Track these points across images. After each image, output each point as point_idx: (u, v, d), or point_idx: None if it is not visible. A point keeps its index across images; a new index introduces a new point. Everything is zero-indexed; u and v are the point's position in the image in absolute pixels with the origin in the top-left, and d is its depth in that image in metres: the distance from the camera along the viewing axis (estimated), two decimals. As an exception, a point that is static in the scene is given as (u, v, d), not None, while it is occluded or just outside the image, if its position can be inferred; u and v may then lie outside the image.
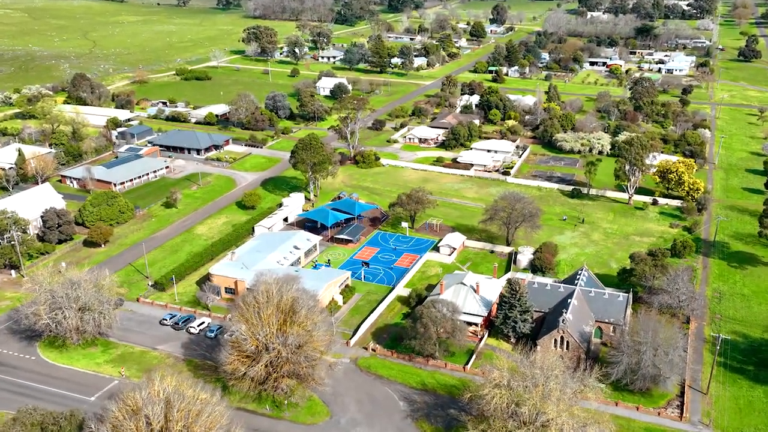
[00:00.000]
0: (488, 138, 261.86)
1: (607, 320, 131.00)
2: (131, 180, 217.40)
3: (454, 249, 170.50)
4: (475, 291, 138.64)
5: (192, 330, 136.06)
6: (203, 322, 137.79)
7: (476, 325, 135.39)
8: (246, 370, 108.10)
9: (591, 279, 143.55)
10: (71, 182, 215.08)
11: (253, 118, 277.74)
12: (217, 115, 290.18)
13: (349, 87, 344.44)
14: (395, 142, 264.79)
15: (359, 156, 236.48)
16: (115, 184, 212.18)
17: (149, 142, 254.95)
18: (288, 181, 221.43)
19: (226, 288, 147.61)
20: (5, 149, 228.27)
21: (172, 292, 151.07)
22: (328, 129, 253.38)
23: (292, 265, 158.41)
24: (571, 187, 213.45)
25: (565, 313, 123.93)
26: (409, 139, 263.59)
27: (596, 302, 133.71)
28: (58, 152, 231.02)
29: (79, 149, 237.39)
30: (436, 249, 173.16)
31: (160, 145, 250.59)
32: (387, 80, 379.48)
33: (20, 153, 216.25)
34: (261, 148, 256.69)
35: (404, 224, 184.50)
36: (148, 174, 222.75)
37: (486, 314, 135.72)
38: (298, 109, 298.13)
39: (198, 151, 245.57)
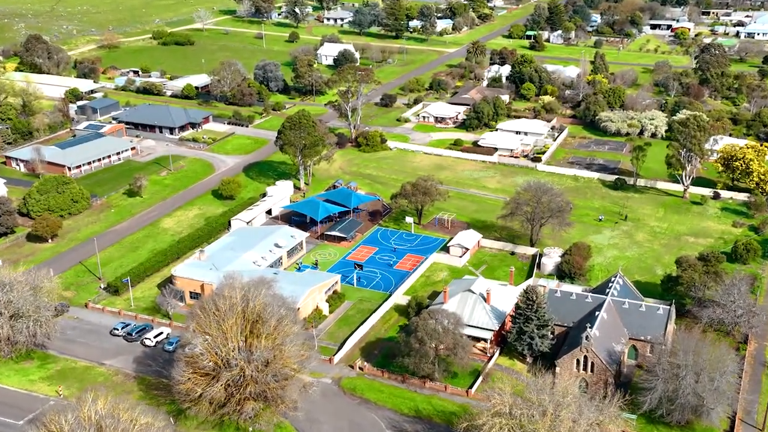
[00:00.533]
0: (518, 117, 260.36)
1: (643, 338, 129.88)
2: (89, 163, 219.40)
3: (467, 249, 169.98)
4: (485, 300, 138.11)
5: (147, 342, 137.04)
6: (161, 333, 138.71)
7: (485, 340, 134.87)
8: (203, 391, 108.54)
9: (626, 288, 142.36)
10: (17, 165, 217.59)
11: (238, 91, 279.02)
12: (197, 88, 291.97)
13: (357, 55, 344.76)
14: (407, 121, 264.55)
15: (362, 138, 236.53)
16: (69, 168, 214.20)
17: (114, 119, 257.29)
18: (276, 167, 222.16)
19: (191, 292, 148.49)
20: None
21: (128, 296, 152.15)
22: (326, 105, 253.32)
23: (271, 266, 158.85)
24: (614, 177, 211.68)
25: (590, 328, 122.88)
26: (423, 117, 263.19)
27: (631, 316, 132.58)
28: (3, 129, 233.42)
29: (29, 126, 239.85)
30: (446, 249, 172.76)
31: (127, 123, 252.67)
32: (403, 47, 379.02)
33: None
34: (246, 127, 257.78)
35: (409, 219, 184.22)
36: (110, 156, 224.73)
37: (497, 328, 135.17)
38: (293, 81, 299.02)
39: (171, 130, 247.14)
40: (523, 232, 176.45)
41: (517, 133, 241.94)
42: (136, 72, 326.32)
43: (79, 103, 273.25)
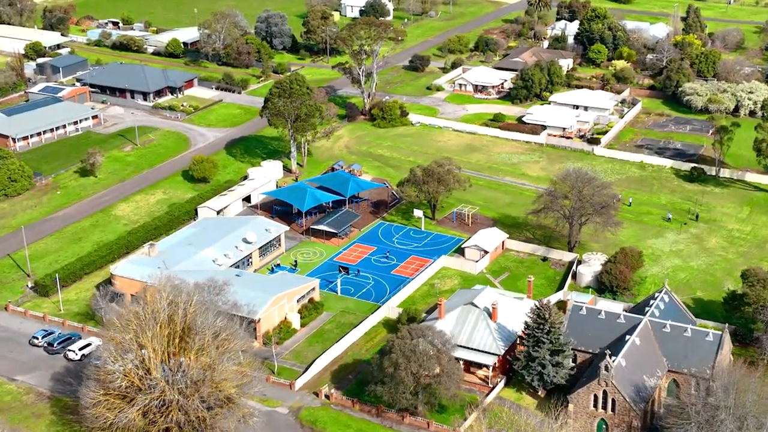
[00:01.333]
0: (581, 87, 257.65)
1: (685, 370, 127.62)
2: (40, 134, 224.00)
3: (486, 252, 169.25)
4: (491, 317, 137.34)
5: (71, 355, 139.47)
6: (89, 344, 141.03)
7: (487, 367, 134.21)
8: (115, 418, 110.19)
9: (673, 306, 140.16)
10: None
11: (234, 49, 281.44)
12: (185, 43, 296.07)
13: (390, 6, 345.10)
14: (439, 89, 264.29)
15: (377, 109, 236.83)
16: (14, 139, 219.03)
17: (78, 80, 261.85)
18: (267, 144, 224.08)
19: (132, 295, 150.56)
20: None
21: (58, 298, 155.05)
22: (334, 67, 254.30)
23: (236, 266, 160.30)
24: (691, 165, 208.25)
25: (609, 356, 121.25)
26: (460, 85, 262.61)
27: (672, 343, 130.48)
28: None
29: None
30: (460, 251, 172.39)
31: (92, 85, 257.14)
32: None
33: None
34: (239, 93, 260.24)
35: (417, 213, 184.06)
36: (65, 126, 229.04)
37: (503, 352, 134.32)
38: (302, 38, 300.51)
39: (145, 96, 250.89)
40: (562, 233, 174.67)
41: (575, 107, 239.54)
42: (115, 23, 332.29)
43: (40, 60, 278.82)
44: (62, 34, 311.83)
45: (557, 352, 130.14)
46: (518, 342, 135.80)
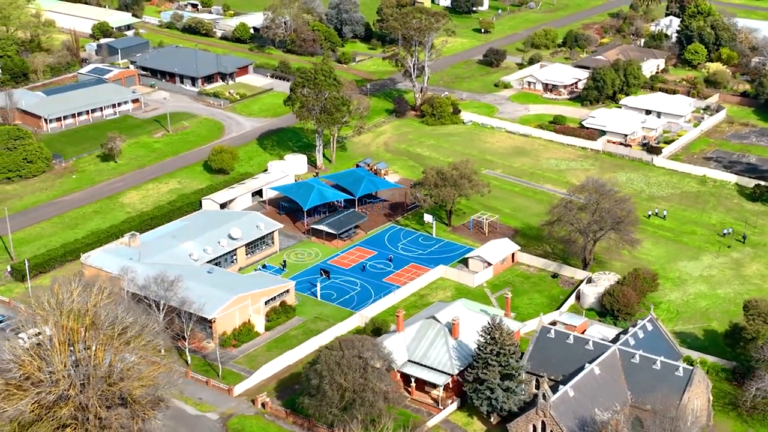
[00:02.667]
0: (666, 90, 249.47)
1: (648, 407, 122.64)
2: (75, 116, 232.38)
3: (489, 264, 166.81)
4: (451, 333, 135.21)
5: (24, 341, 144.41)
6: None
7: (438, 386, 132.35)
8: (11, 409, 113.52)
9: (656, 336, 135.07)
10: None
11: (297, 35, 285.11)
12: (253, 28, 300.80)
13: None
14: (506, 86, 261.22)
15: (427, 105, 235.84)
16: (47, 120, 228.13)
17: (132, 63, 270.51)
18: (304, 137, 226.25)
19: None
20: None
21: (35, 283, 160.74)
22: (385, 58, 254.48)
23: (215, 262, 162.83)
24: (754, 183, 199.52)
25: (556, 383, 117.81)
26: (529, 83, 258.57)
27: (639, 375, 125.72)
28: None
29: (25, 66, 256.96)
30: (465, 262, 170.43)
31: (144, 68, 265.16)
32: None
33: None
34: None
35: (428, 218, 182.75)
36: (103, 109, 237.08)
37: (457, 372, 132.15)
38: (376, 26, 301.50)
39: (194, 81, 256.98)
40: (616, 248, 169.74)
41: (647, 112, 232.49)
42: (194, 6, 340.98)
43: (103, 41, 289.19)
44: (134, 15, 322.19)
45: (509, 377, 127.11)
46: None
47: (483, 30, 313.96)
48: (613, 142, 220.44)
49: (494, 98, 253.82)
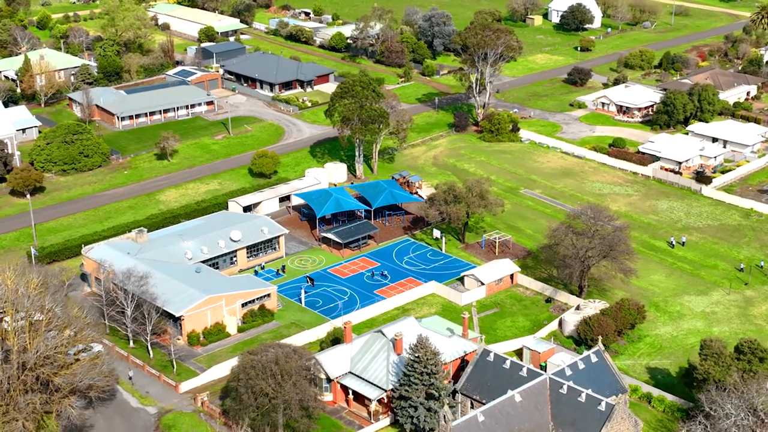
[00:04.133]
0: (748, 119, 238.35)
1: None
2: (148, 114, 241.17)
3: (482, 284, 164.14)
4: (394, 348, 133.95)
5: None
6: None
7: (370, 400, 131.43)
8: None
9: (599, 368, 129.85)
10: (76, 108, 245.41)
11: (385, 47, 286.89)
12: (349, 38, 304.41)
13: (595, 12, 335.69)
14: (581, 106, 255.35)
15: (486, 121, 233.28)
16: (119, 118, 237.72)
17: (222, 66, 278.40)
18: (355, 147, 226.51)
19: (96, 278, 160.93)
20: (30, 54, 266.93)
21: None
22: (447, 72, 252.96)
23: (212, 262, 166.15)
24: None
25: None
26: (603, 104, 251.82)
27: (564, 405, 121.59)
28: (85, 66, 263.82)
29: (119, 66, 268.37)
30: (462, 280, 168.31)
31: (230, 72, 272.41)
32: (683, 5, 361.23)
33: (25, 61, 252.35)
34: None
35: (437, 233, 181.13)
36: (177, 109, 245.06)
37: (391, 388, 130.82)
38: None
39: (272, 86, 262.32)
40: (591, 275, 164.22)
41: (714, 140, 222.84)
42: (307, 14, 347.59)
43: (207, 44, 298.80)
44: (243, 21, 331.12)
45: (433, 397, 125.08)
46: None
47: (580, 48, 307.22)
48: (666, 169, 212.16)
49: (564, 118, 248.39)
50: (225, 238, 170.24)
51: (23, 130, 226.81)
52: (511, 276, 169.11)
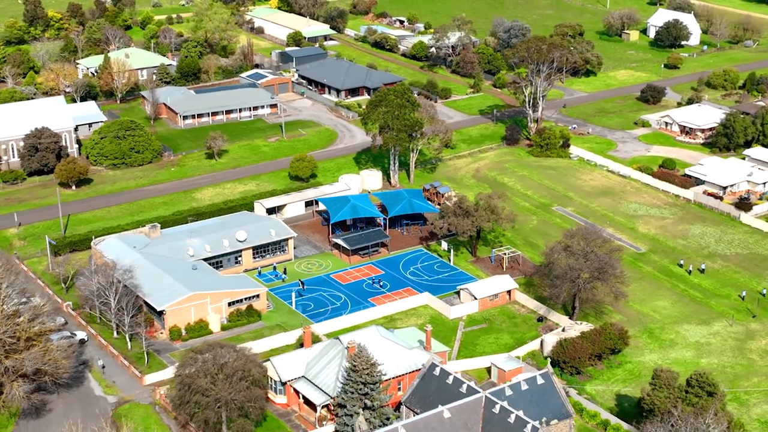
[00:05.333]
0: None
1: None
2: (210, 114, 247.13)
3: (475, 298, 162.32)
4: (347, 356, 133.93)
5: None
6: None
7: (318, 407, 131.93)
8: None
9: (544, 391, 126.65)
10: (147, 105, 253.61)
11: (462, 57, 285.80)
12: (432, 47, 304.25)
13: (692, 29, 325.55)
14: (645, 125, 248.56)
15: (536, 136, 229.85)
16: (182, 117, 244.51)
17: (296, 71, 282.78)
18: (402, 155, 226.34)
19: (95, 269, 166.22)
20: (115, 54, 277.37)
21: (61, 258, 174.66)
22: (503, 86, 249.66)
23: (215, 260, 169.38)
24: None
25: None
26: (665, 124, 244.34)
27: (494, 426, 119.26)
28: (163, 66, 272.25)
29: (197, 66, 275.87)
30: (458, 293, 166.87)
31: (303, 77, 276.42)
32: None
33: (105, 59, 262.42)
34: (434, 101, 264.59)
35: (444, 245, 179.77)
36: (240, 111, 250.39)
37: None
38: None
39: (338, 92, 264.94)
40: (593, 296, 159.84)
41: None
42: (401, 22, 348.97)
43: (288, 49, 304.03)
44: (334, 27, 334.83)
45: (369, 407, 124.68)
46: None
47: (667, 65, 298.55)
48: (708, 193, 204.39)
49: (622, 136, 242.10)
50: (230, 237, 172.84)
51: (90, 124, 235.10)
52: (509, 292, 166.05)
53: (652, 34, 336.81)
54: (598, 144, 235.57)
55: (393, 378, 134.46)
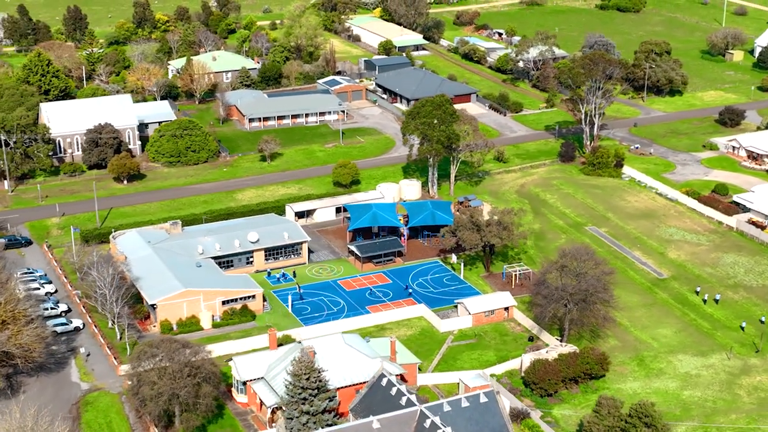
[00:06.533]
0: None
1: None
2: (278, 118, 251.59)
3: (469, 313, 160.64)
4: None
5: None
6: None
7: (268, 408, 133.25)
8: None
9: (485, 409, 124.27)
10: (219, 106, 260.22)
11: (541, 72, 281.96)
12: (519, 62, 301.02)
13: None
14: (712, 148, 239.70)
15: (589, 154, 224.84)
16: (249, 119, 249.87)
17: (374, 79, 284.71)
18: (445, 167, 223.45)
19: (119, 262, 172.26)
20: (203, 57, 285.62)
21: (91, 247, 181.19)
22: (562, 101, 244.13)
23: (226, 259, 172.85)
24: None
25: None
26: (733, 148, 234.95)
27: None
28: (244, 69, 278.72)
29: (278, 71, 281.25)
30: (456, 307, 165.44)
31: (379, 85, 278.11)
32: None
33: (187, 61, 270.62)
34: (504, 114, 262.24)
35: (454, 258, 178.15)
36: (307, 116, 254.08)
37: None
38: (625, 71, 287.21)
39: (408, 101, 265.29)
40: (582, 320, 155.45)
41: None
42: (500, 34, 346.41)
43: (375, 57, 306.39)
44: (429, 38, 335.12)
45: (309, 413, 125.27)
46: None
47: (760, 87, 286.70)
48: (753, 221, 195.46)
49: (686, 158, 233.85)
50: (242, 238, 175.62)
51: (159, 123, 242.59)
52: (507, 309, 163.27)
53: (757, 54, 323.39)
54: (656, 165, 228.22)
55: (350, 386, 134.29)
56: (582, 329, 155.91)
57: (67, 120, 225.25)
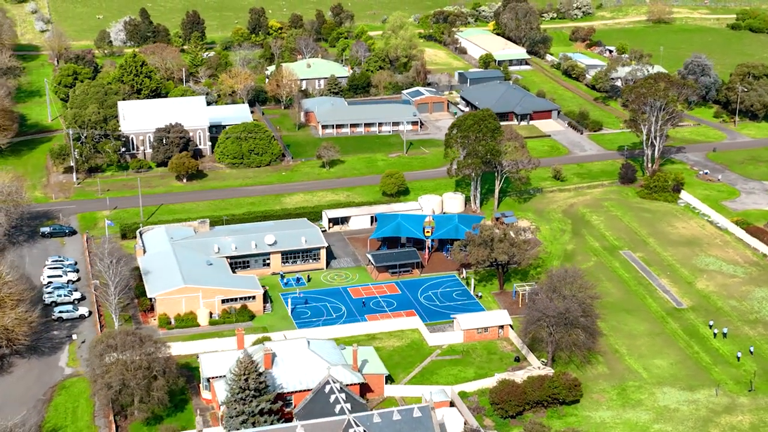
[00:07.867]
0: None
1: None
2: (351, 125, 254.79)
3: (461, 330, 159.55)
4: (263, 363, 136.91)
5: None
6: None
7: (222, 405, 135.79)
8: None
9: (418, 424, 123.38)
10: (299, 112, 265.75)
11: (632, 92, 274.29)
12: (616, 79, 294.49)
13: None
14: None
15: (646, 177, 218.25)
16: (322, 126, 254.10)
17: (460, 91, 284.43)
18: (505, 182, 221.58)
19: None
20: (298, 64, 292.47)
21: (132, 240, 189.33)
22: (625, 121, 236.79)
23: (241, 260, 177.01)
24: None
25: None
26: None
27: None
28: (332, 77, 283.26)
29: (367, 80, 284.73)
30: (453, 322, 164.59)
31: (463, 98, 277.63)
32: None
33: (276, 66, 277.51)
34: (580, 132, 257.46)
35: (464, 273, 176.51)
36: (381, 125, 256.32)
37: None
38: (718, 93, 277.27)
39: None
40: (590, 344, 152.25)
41: None
42: (610, 51, 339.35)
43: (471, 70, 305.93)
44: (532, 52, 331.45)
45: (245, 413, 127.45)
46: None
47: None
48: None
49: (755, 186, 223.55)
50: (260, 240, 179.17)
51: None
52: (502, 328, 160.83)
53: None
54: (720, 192, 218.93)
55: (305, 390, 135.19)
56: (572, 354, 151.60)
57: (140, 118, 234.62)
